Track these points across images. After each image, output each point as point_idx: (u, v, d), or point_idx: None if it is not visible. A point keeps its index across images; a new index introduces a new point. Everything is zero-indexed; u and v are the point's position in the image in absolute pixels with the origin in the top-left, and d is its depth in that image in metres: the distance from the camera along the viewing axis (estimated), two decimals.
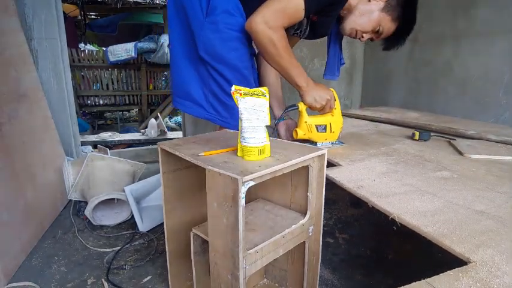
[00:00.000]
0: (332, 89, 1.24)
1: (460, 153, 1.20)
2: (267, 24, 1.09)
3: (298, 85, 1.19)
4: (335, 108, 1.25)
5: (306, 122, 1.23)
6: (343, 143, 1.33)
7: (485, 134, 1.37)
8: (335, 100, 1.24)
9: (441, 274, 0.57)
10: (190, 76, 1.26)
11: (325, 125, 1.24)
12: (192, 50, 1.23)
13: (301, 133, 1.24)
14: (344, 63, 1.52)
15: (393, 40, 1.26)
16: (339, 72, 1.49)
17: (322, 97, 1.20)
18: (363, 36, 1.25)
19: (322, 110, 1.24)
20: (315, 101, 1.20)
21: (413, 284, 0.55)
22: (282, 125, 1.37)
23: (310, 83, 1.20)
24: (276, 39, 1.10)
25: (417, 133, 1.38)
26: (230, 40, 1.18)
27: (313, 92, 1.20)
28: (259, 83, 1.43)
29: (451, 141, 1.34)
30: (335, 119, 1.25)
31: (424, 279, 0.56)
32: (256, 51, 1.32)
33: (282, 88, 1.48)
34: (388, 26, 1.22)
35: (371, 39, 1.28)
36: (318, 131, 1.24)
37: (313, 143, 1.27)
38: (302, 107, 1.22)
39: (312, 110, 1.24)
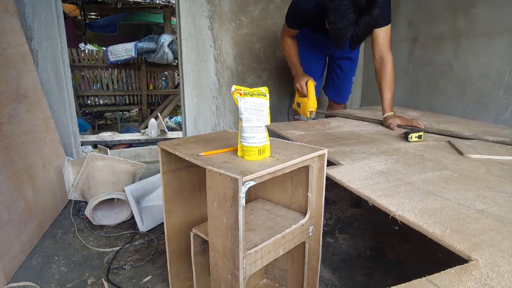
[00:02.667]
0: (310, 81, 1.73)
1: (460, 153, 1.20)
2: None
3: (292, 74, 1.90)
4: (307, 94, 1.75)
5: (296, 98, 1.92)
6: (314, 119, 1.79)
7: (481, 135, 1.37)
8: (307, 89, 1.74)
9: (442, 272, 0.57)
10: None
11: (300, 103, 1.86)
12: None
13: (294, 105, 1.95)
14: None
15: (336, 41, 1.44)
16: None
17: (295, 82, 1.81)
18: None
19: (299, 93, 1.85)
20: (295, 84, 1.83)
21: (414, 281, 0.55)
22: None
23: (299, 73, 1.83)
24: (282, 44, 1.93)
25: (413, 135, 1.38)
26: None
27: (295, 79, 1.83)
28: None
29: (451, 141, 1.34)
30: (304, 101, 1.79)
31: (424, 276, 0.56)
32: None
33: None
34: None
35: None
36: (297, 106, 1.91)
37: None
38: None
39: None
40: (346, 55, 2.03)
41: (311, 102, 1.74)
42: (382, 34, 1.61)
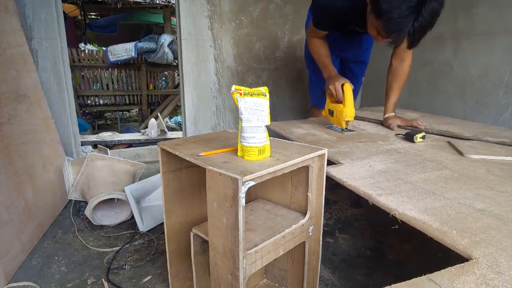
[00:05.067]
0: (347, 85, 1.43)
1: (460, 153, 1.20)
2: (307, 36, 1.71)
3: (324, 76, 1.60)
4: (343, 100, 1.44)
5: (327, 104, 1.57)
6: (351, 130, 1.53)
7: (481, 136, 1.37)
8: (342, 93, 1.44)
9: (442, 270, 0.57)
10: None
11: (333, 111, 1.53)
12: None
13: (323, 113, 1.61)
14: None
15: (395, 37, 1.18)
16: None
17: (328, 85, 1.50)
18: (384, 41, 1.23)
19: (332, 98, 1.53)
20: (327, 87, 1.51)
21: (414, 279, 0.55)
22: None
23: (332, 74, 1.54)
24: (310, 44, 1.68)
25: (418, 135, 1.36)
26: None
27: (328, 81, 1.52)
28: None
29: (451, 141, 1.34)
30: (339, 109, 1.48)
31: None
32: None
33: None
34: (377, 24, 1.18)
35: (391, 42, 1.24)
36: (328, 114, 1.57)
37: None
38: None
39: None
40: (360, 59, 1.94)
41: (348, 110, 1.44)
42: None
